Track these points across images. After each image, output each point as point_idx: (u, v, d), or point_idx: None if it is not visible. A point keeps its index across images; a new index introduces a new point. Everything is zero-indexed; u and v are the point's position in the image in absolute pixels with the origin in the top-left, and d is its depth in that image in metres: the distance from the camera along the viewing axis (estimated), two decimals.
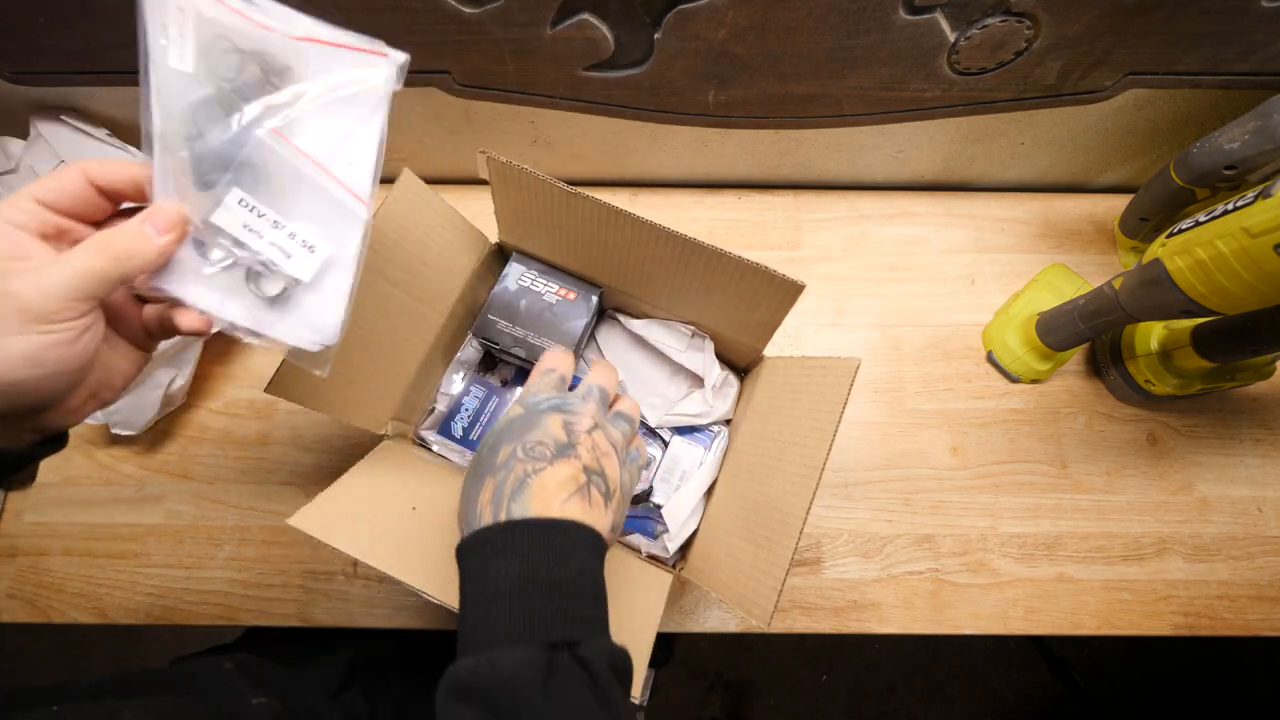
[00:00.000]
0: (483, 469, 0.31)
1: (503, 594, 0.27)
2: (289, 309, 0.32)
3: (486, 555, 0.28)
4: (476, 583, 0.28)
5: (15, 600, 0.53)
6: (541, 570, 0.28)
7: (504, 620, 0.26)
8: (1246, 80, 0.53)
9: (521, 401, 0.35)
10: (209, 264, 0.30)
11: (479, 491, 0.31)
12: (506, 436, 0.32)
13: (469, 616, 0.28)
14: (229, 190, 0.29)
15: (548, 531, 0.29)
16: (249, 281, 0.31)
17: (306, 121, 0.30)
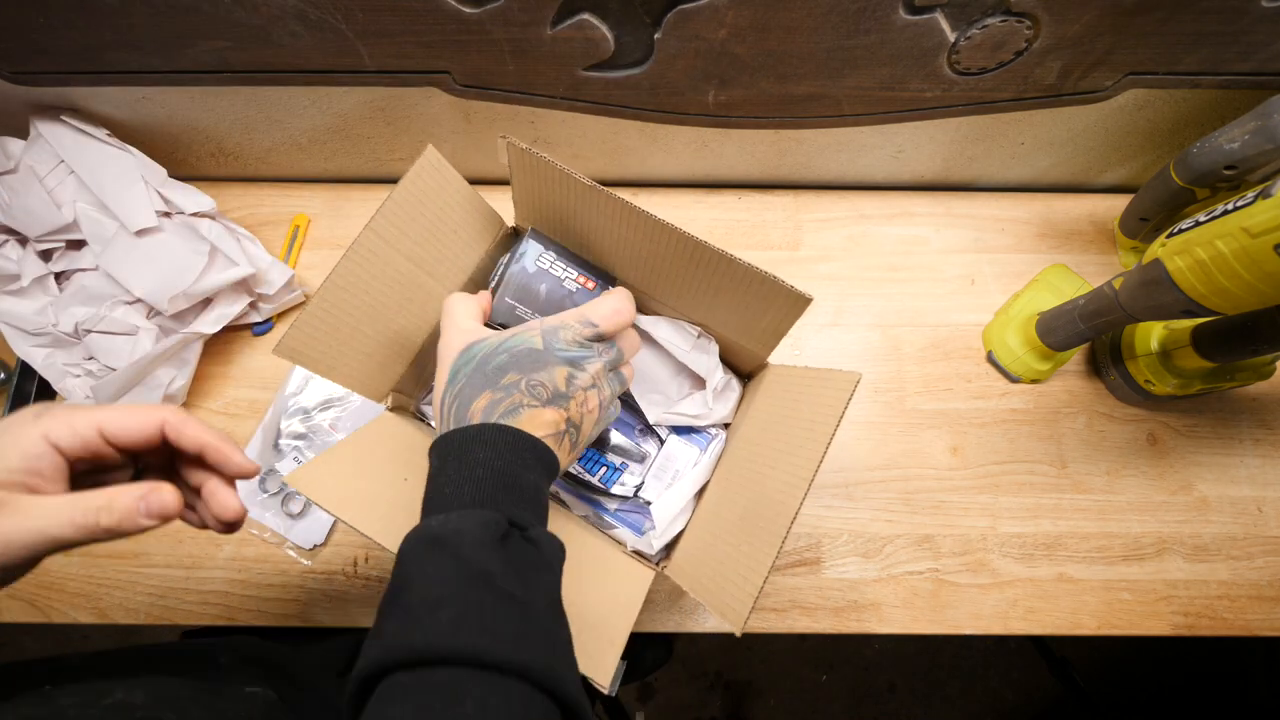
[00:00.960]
0: (484, 380, 0.34)
1: (476, 477, 0.31)
2: (302, 520, 0.55)
3: (472, 443, 0.32)
4: (458, 460, 0.32)
5: (15, 600, 0.53)
6: (512, 467, 0.32)
7: (474, 491, 0.30)
8: (1246, 80, 0.53)
9: (544, 333, 0.37)
10: (263, 493, 0.56)
11: (474, 398, 0.34)
12: (517, 365, 0.35)
13: (445, 484, 0.31)
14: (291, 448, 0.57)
15: (523, 442, 0.33)
16: (282, 505, 0.55)
17: None
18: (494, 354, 0.35)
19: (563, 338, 0.37)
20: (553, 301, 0.46)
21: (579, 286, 0.47)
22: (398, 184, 0.40)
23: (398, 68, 0.51)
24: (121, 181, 0.55)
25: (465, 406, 0.34)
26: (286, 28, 0.47)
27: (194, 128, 0.59)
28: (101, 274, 0.55)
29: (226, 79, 0.52)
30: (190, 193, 0.59)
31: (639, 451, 0.52)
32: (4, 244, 0.56)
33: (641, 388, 0.53)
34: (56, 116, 0.55)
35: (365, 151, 0.63)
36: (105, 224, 0.55)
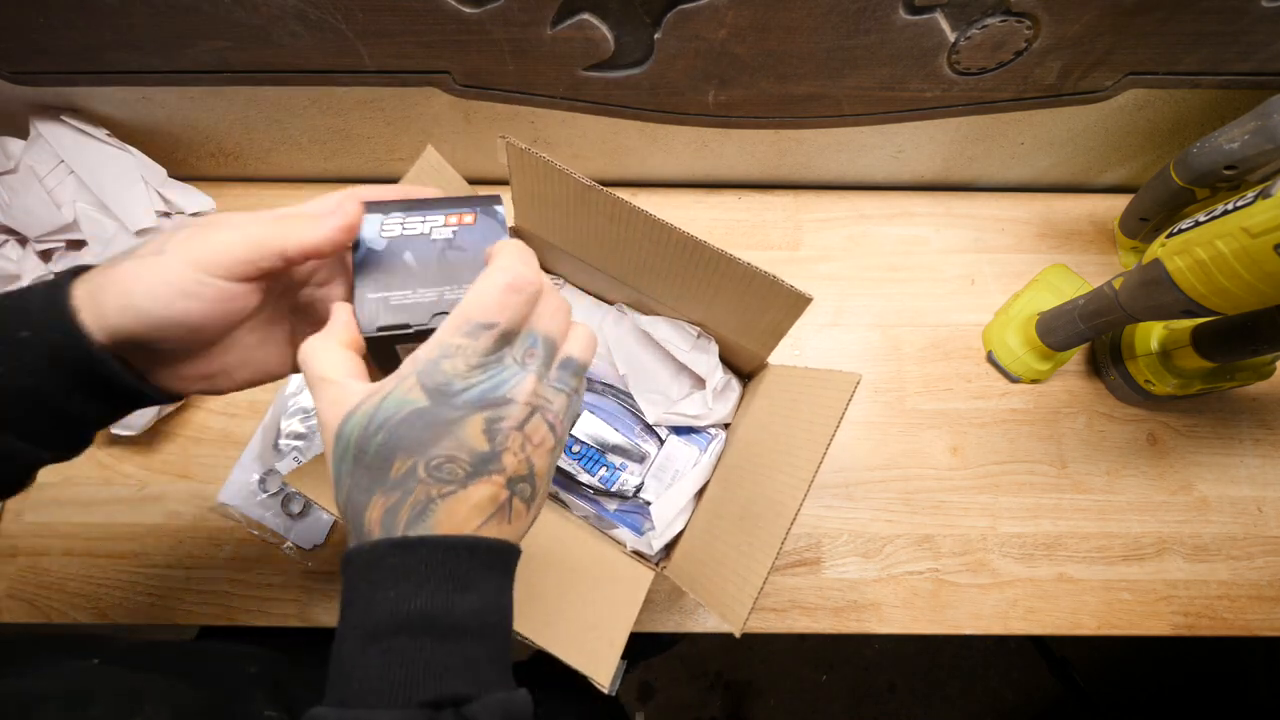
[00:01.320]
0: (368, 478, 0.24)
1: (385, 632, 0.22)
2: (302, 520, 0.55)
3: (373, 579, 0.23)
4: (359, 610, 0.23)
5: (15, 600, 0.53)
6: (437, 603, 0.23)
7: (380, 669, 0.22)
8: (1246, 80, 0.53)
9: (420, 376, 0.24)
10: (263, 493, 0.55)
11: (365, 506, 0.24)
12: (402, 444, 0.24)
13: (343, 648, 0.23)
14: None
15: (452, 555, 0.24)
16: (282, 505, 0.55)
17: None
18: (367, 435, 0.24)
19: (449, 371, 0.24)
20: (432, 265, 0.31)
21: (453, 229, 0.32)
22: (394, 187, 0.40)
23: (398, 68, 0.51)
24: (121, 181, 0.55)
25: (359, 522, 0.25)
26: (286, 28, 0.47)
27: (194, 128, 0.59)
28: None
29: (226, 79, 0.52)
30: (190, 193, 0.59)
31: (639, 451, 0.52)
32: (4, 244, 0.56)
33: (641, 388, 0.53)
34: (56, 116, 0.55)
35: (365, 151, 0.63)
36: (105, 224, 0.55)
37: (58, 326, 0.25)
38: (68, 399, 0.26)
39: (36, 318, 0.25)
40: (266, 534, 0.54)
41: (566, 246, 0.50)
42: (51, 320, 0.25)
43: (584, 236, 0.46)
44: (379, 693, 0.22)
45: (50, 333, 0.25)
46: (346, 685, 0.22)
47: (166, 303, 0.25)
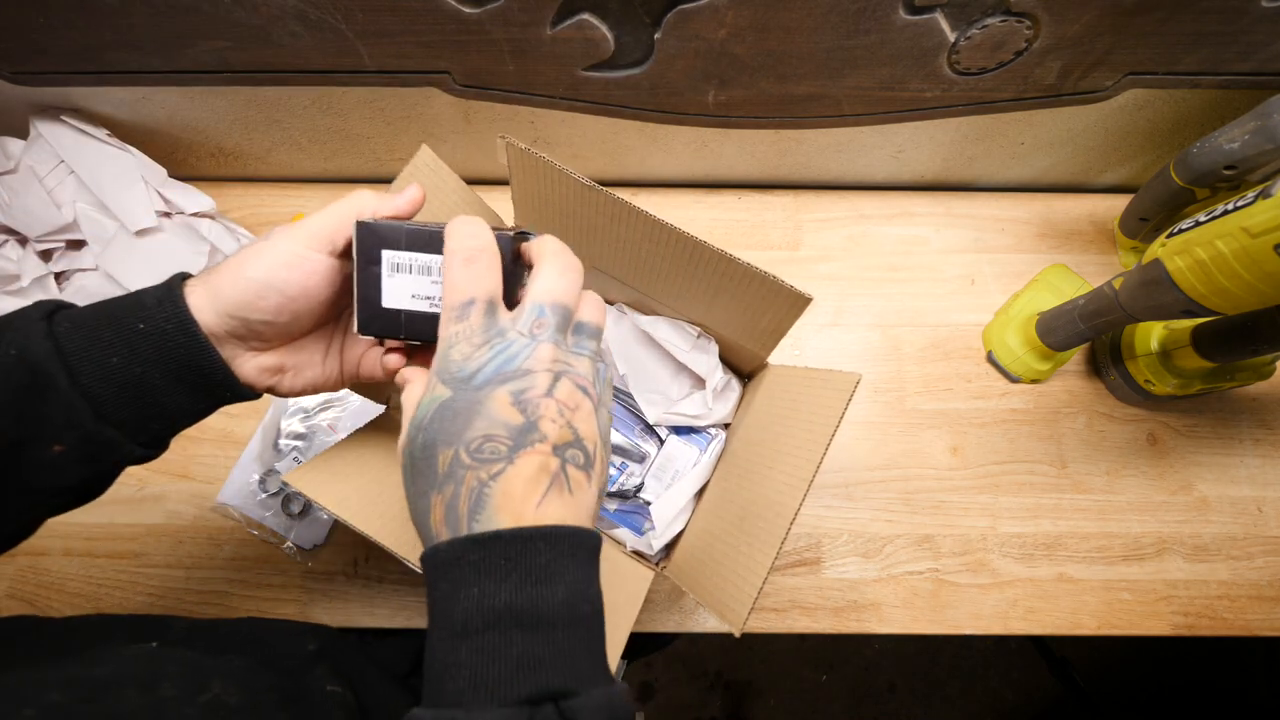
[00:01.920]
0: (422, 483, 0.25)
1: (474, 630, 0.22)
2: (302, 520, 0.55)
3: (454, 577, 0.23)
4: (444, 610, 0.23)
5: (15, 600, 0.53)
6: (523, 597, 0.22)
7: (473, 667, 0.22)
8: (1246, 80, 0.53)
9: (438, 372, 0.26)
10: (263, 493, 0.55)
11: (427, 511, 0.25)
12: (440, 436, 0.25)
13: (436, 650, 0.23)
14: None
15: (530, 546, 0.23)
16: (283, 506, 0.55)
17: None
18: (413, 444, 0.25)
19: (457, 358, 0.26)
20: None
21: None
22: (391, 185, 0.40)
23: (398, 68, 0.51)
24: (121, 181, 0.55)
25: (427, 530, 0.25)
26: (286, 28, 0.47)
27: (194, 128, 0.59)
28: (101, 274, 0.55)
29: (226, 79, 0.52)
30: (190, 193, 0.59)
31: (639, 451, 0.52)
32: (4, 244, 0.56)
33: (641, 388, 0.53)
34: (56, 116, 0.55)
35: (365, 151, 0.63)
36: (105, 224, 0.55)
37: (172, 316, 0.28)
38: (167, 392, 0.29)
39: (151, 310, 0.28)
40: (266, 534, 0.54)
41: None
42: (167, 311, 0.28)
43: (584, 236, 0.46)
44: (475, 690, 0.21)
45: (165, 323, 0.28)
46: (441, 686, 0.22)
47: (271, 271, 0.29)
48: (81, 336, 0.27)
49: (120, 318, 0.28)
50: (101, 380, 0.27)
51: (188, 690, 0.28)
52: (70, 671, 0.27)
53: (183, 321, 0.28)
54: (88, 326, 0.28)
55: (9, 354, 0.26)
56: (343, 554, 0.55)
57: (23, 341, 0.26)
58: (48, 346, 0.26)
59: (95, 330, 0.27)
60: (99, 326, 0.28)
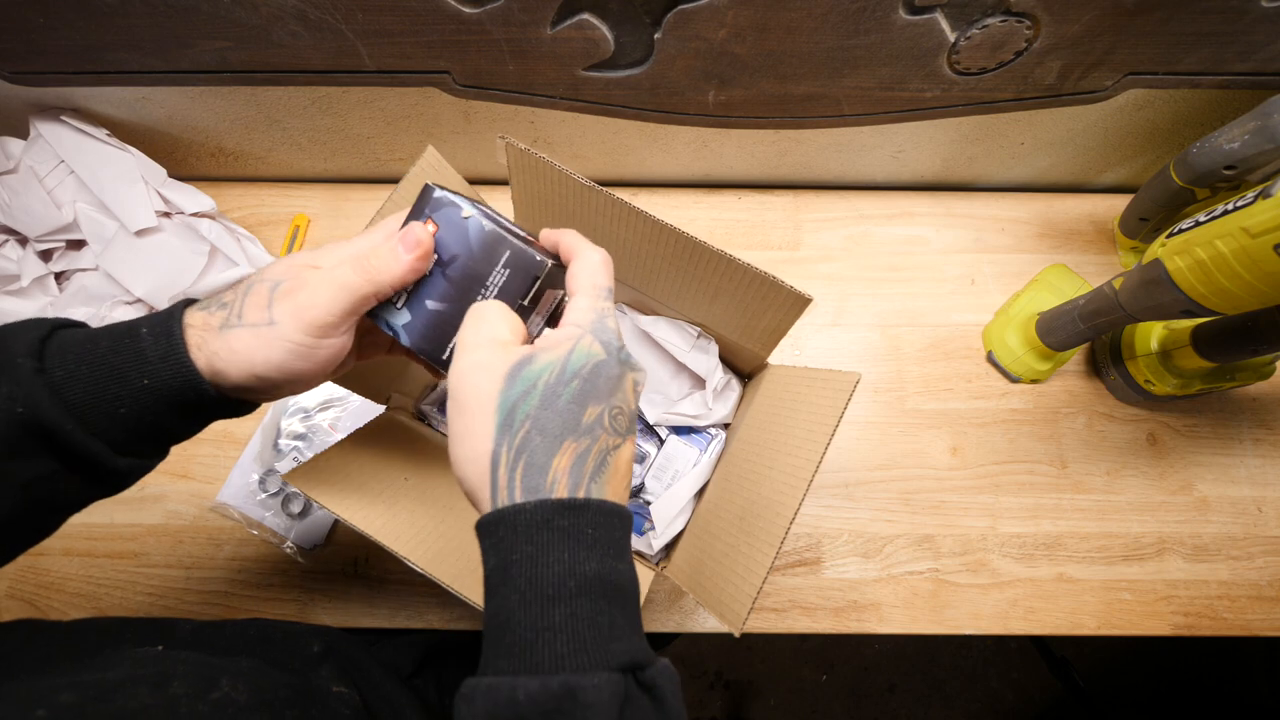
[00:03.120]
0: (560, 423, 0.25)
1: (569, 594, 0.22)
2: (302, 520, 0.55)
3: (539, 540, 0.23)
4: (525, 572, 0.23)
5: (15, 600, 0.53)
6: (607, 567, 0.23)
7: (570, 631, 0.22)
8: (1246, 80, 0.53)
9: (594, 332, 0.27)
10: (263, 493, 0.55)
11: (554, 453, 0.24)
12: (593, 391, 0.25)
13: (518, 613, 0.22)
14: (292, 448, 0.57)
15: (612, 519, 0.24)
16: (283, 506, 0.55)
17: None
18: (561, 381, 0.25)
19: (612, 329, 0.27)
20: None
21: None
22: (398, 185, 0.40)
23: (398, 68, 0.51)
24: (121, 181, 0.55)
25: (542, 468, 0.24)
26: (286, 28, 0.47)
27: (194, 128, 0.59)
28: (101, 274, 0.55)
29: (226, 79, 0.52)
30: (190, 193, 0.59)
31: (639, 451, 0.52)
32: (4, 244, 0.56)
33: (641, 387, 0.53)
34: (56, 116, 0.55)
35: (365, 151, 0.63)
36: (105, 224, 0.55)
37: (179, 373, 0.28)
38: (178, 427, 0.30)
39: (155, 366, 0.27)
40: (266, 534, 0.54)
41: None
42: (172, 371, 0.28)
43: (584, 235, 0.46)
44: (576, 655, 0.21)
45: (171, 379, 0.28)
46: (533, 649, 0.22)
47: (285, 367, 0.28)
48: (83, 389, 0.27)
49: (123, 372, 0.27)
50: (112, 427, 0.28)
51: (198, 688, 0.29)
52: (81, 675, 0.27)
53: (190, 379, 0.28)
54: (88, 379, 0.27)
55: (15, 411, 0.26)
56: (343, 554, 0.55)
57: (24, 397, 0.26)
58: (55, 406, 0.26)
59: (99, 385, 0.27)
60: (102, 381, 0.27)
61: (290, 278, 0.29)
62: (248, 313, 0.28)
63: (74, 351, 0.27)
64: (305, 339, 0.28)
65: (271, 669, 0.34)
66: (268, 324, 0.28)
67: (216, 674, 0.30)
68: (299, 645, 0.39)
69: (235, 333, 0.28)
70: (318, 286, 0.28)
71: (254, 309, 0.28)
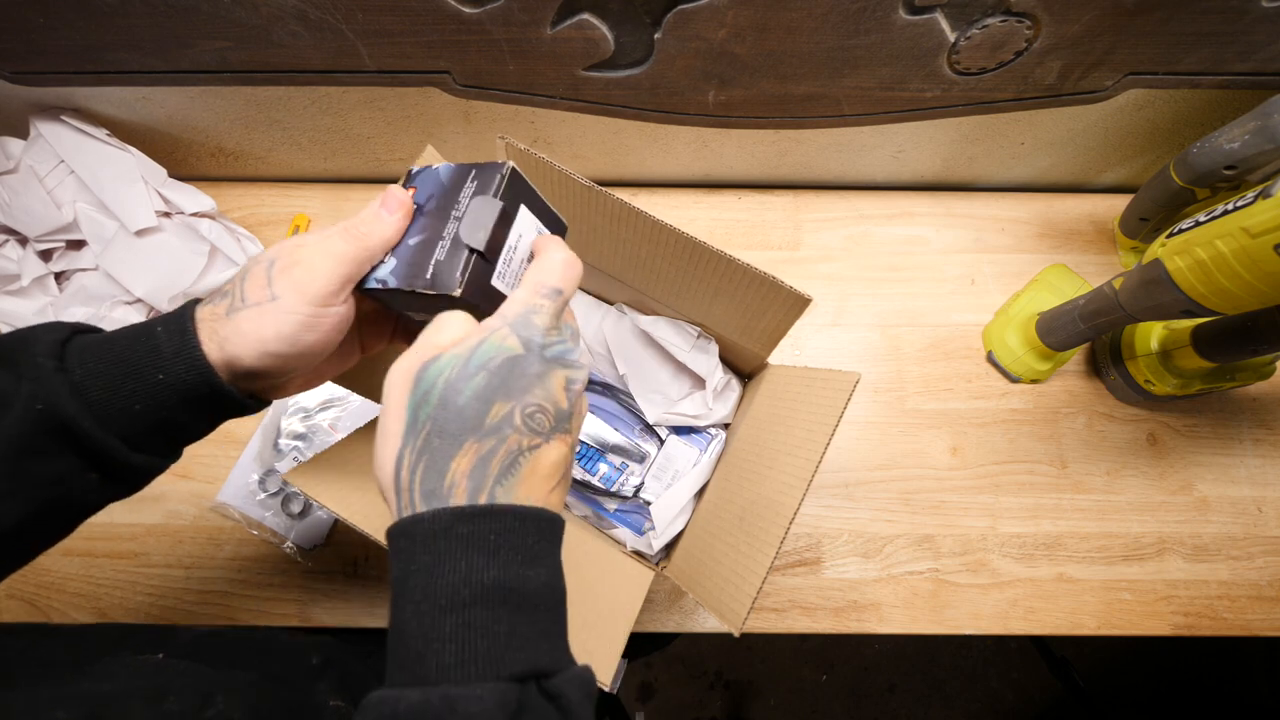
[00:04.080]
0: (460, 422, 0.24)
1: (462, 603, 0.22)
2: (302, 520, 0.55)
3: (438, 549, 0.22)
4: (422, 581, 0.22)
5: (15, 600, 0.53)
6: (510, 575, 0.23)
7: (461, 642, 0.21)
8: (1246, 80, 0.53)
9: (514, 327, 0.26)
10: (263, 493, 0.55)
11: (452, 454, 0.24)
12: (502, 387, 0.24)
13: (411, 624, 0.22)
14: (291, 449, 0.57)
15: (520, 525, 0.24)
16: (282, 506, 0.55)
17: None
18: (464, 376, 0.24)
19: (539, 326, 0.26)
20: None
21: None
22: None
23: (398, 68, 0.51)
24: (121, 181, 0.55)
25: (440, 471, 0.24)
26: (286, 28, 0.47)
27: (194, 128, 0.59)
28: (101, 274, 0.55)
29: (226, 79, 0.52)
30: (190, 193, 0.59)
31: (639, 451, 0.52)
32: (4, 244, 0.56)
33: (641, 388, 0.53)
34: (56, 116, 0.55)
35: (365, 151, 0.63)
36: (105, 224, 0.55)
37: (192, 368, 0.28)
38: (191, 422, 0.30)
39: (169, 361, 0.28)
40: (266, 534, 0.54)
41: None
42: (186, 365, 0.28)
43: (584, 237, 0.46)
44: (462, 665, 0.21)
45: (185, 374, 0.28)
46: (422, 661, 0.22)
47: (294, 340, 0.29)
48: (100, 387, 0.27)
49: (139, 369, 0.28)
50: (128, 423, 0.28)
51: (193, 704, 0.29)
52: (77, 687, 0.28)
53: (203, 373, 0.28)
54: (106, 376, 0.27)
55: (36, 408, 0.26)
56: (343, 554, 0.55)
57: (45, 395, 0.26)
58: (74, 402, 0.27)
59: (116, 382, 0.28)
60: (119, 378, 0.28)
61: (284, 256, 0.29)
62: (250, 293, 0.29)
63: (92, 352, 0.28)
64: (309, 309, 0.29)
65: (269, 683, 0.34)
66: (271, 300, 0.28)
67: (213, 689, 0.30)
68: (298, 657, 0.39)
69: (242, 314, 0.28)
70: (312, 258, 0.29)
71: (255, 289, 0.29)
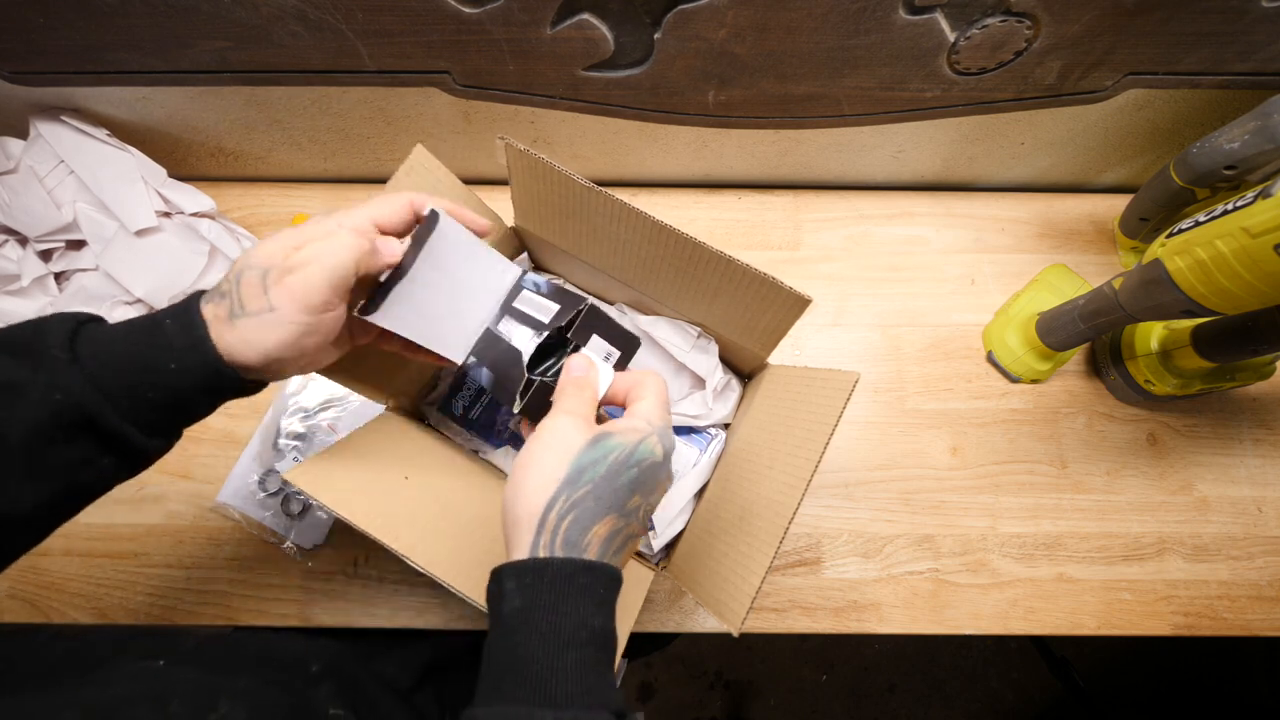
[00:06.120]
0: (612, 499, 0.29)
1: (580, 642, 0.26)
2: (302, 520, 0.55)
3: (562, 590, 0.27)
4: (545, 616, 0.27)
5: (15, 600, 0.53)
6: (608, 624, 0.28)
7: (579, 674, 0.26)
8: (1246, 80, 0.53)
9: (660, 436, 0.32)
10: (262, 493, 0.55)
11: (597, 519, 0.29)
12: (643, 484, 0.30)
13: (537, 652, 0.26)
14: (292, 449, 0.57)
15: (613, 583, 0.29)
16: (282, 506, 0.55)
17: None
18: (626, 466, 0.30)
19: (671, 444, 0.33)
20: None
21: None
22: (387, 184, 0.40)
23: (398, 68, 0.51)
24: (121, 181, 0.55)
25: (584, 529, 0.28)
26: (286, 28, 0.47)
27: (194, 128, 0.59)
28: (101, 274, 0.55)
29: (226, 79, 0.52)
30: (190, 193, 0.59)
31: None
32: (4, 244, 0.56)
33: None
34: (56, 116, 0.55)
35: (365, 151, 0.63)
36: (105, 224, 0.55)
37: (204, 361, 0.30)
38: (201, 406, 0.32)
39: (181, 354, 0.30)
40: (266, 534, 0.54)
41: (566, 246, 0.50)
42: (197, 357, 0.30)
43: (584, 237, 0.46)
44: (586, 695, 0.25)
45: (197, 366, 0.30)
46: (544, 686, 0.25)
47: (297, 345, 0.31)
48: (114, 377, 0.29)
49: (152, 361, 0.30)
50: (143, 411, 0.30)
51: (197, 709, 0.30)
52: (81, 693, 0.28)
53: (214, 364, 0.30)
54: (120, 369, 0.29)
55: (54, 399, 0.28)
56: (343, 554, 0.55)
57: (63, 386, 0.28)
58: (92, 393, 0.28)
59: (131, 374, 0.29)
60: (134, 370, 0.29)
61: (276, 265, 0.31)
62: (248, 302, 0.30)
63: (103, 344, 0.29)
64: (306, 318, 0.31)
65: (270, 689, 0.34)
66: (269, 310, 0.30)
67: (215, 694, 0.31)
68: (298, 664, 0.39)
69: (243, 322, 0.30)
70: (309, 268, 0.31)
71: (252, 298, 0.30)
